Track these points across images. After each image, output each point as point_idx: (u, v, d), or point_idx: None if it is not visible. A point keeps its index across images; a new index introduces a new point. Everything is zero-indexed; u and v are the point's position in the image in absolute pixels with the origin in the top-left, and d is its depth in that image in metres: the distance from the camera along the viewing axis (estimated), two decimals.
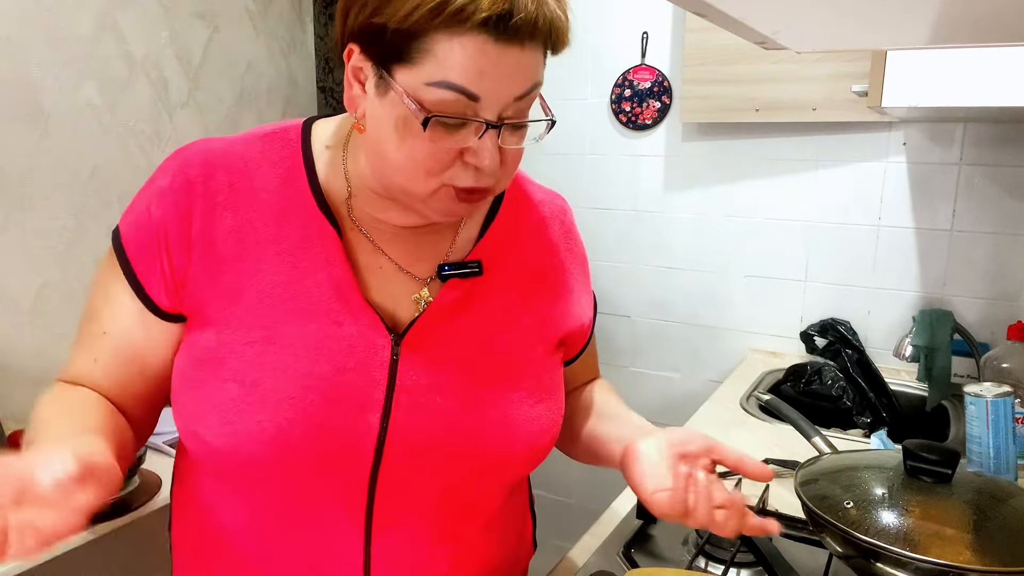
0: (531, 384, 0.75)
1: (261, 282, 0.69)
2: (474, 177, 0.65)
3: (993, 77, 1.21)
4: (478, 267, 0.75)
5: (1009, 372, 1.39)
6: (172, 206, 0.69)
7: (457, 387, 0.71)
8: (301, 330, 0.68)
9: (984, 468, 1.16)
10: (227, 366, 0.67)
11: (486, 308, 0.75)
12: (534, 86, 0.64)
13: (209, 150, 0.71)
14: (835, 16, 0.58)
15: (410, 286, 0.74)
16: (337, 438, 0.67)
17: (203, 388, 0.67)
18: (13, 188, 1.56)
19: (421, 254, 0.75)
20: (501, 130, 0.63)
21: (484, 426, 0.71)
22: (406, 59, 0.60)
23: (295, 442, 0.65)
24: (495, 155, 0.63)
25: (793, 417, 1.10)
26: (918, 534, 0.72)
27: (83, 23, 1.67)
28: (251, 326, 0.68)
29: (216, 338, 0.68)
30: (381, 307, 0.71)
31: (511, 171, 0.69)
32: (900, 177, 1.82)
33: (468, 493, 0.74)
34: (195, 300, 0.69)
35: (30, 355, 1.61)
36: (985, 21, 0.56)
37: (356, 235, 0.73)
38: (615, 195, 2.17)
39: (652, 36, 2.05)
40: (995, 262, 1.74)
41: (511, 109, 0.63)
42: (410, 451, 0.69)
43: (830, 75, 1.75)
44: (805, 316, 1.97)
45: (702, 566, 0.94)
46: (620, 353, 2.21)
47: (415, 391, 0.69)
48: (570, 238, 0.85)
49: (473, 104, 0.61)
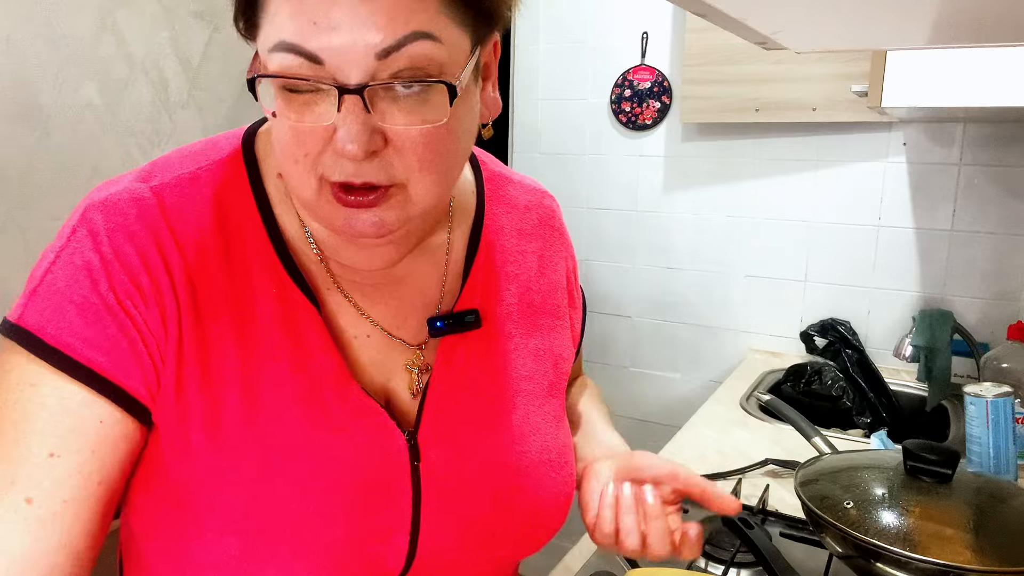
0: (553, 450, 0.67)
1: (239, 390, 0.54)
2: (350, 169, 0.49)
3: (993, 77, 1.21)
4: (475, 318, 0.64)
5: (1009, 372, 1.39)
6: (119, 271, 0.53)
7: (484, 485, 0.62)
8: (304, 455, 0.55)
9: (984, 468, 1.16)
10: (216, 509, 0.53)
11: (492, 364, 0.66)
12: (410, 36, 0.47)
13: (142, 205, 0.54)
14: (835, 16, 0.58)
15: (403, 354, 0.62)
16: (361, 570, 0.58)
17: (185, 544, 0.54)
18: (13, 188, 1.56)
19: (409, 310, 0.63)
20: (368, 99, 0.47)
21: (512, 516, 0.64)
22: (255, 25, 0.50)
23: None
24: (357, 130, 0.47)
25: (793, 417, 1.11)
26: (918, 534, 0.72)
27: (83, 23, 1.67)
28: (245, 456, 0.54)
29: (189, 466, 0.54)
30: (378, 392, 0.60)
31: (425, 164, 0.51)
32: (900, 177, 1.82)
33: (498, 568, 0.68)
34: (167, 406, 0.54)
35: None
36: (985, 21, 0.56)
37: (332, 297, 0.59)
38: (615, 195, 2.17)
39: (652, 36, 2.05)
40: (995, 262, 1.74)
41: (383, 71, 0.47)
42: (439, 562, 0.61)
43: (830, 75, 1.75)
44: (805, 316, 1.97)
45: (702, 566, 0.94)
46: (620, 353, 2.21)
47: (442, 497, 0.60)
48: (560, 242, 0.76)
49: (320, 67, 0.47)
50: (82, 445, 0.50)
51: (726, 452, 1.36)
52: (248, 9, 0.50)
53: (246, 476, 0.54)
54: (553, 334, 0.72)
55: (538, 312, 0.71)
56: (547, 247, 0.74)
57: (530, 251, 0.72)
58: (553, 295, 0.73)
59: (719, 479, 1.23)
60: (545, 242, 0.74)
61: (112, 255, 0.52)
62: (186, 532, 0.54)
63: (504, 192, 0.72)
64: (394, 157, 0.50)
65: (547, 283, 0.72)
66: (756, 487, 1.15)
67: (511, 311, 0.68)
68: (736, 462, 1.28)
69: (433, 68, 0.49)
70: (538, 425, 0.67)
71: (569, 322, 0.75)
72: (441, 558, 0.61)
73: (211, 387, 0.54)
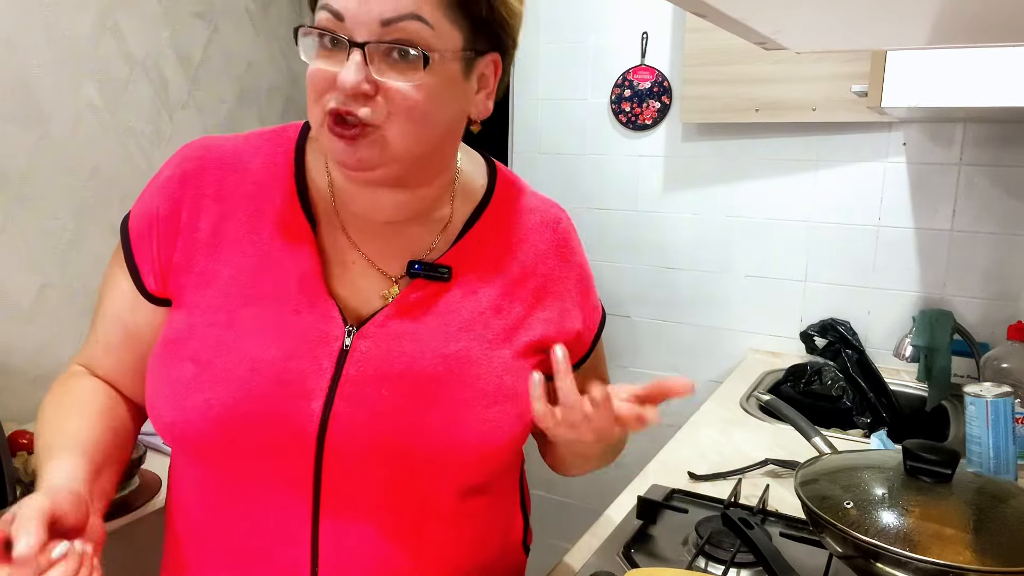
0: (488, 386, 0.73)
1: (232, 268, 0.72)
2: (341, 100, 0.65)
3: (993, 77, 1.22)
4: (447, 273, 0.75)
5: (1009, 372, 1.39)
6: (167, 196, 0.74)
7: (405, 382, 0.71)
8: (259, 315, 0.71)
9: (984, 468, 1.16)
10: (188, 346, 0.70)
11: (450, 308, 0.75)
12: (407, 16, 0.64)
13: (207, 146, 0.77)
14: (835, 16, 0.58)
15: (381, 283, 0.75)
16: (279, 422, 0.68)
17: (165, 365, 0.71)
18: (13, 188, 1.56)
19: (396, 251, 0.76)
20: (368, 54, 0.64)
21: (427, 422, 0.70)
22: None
23: (238, 422, 0.68)
24: (353, 72, 0.64)
25: (793, 417, 1.11)
26: (918, 534, 0.72)
27: (83, 23, 1.67)
28: (216, 309, 0.71)
29: (185, 320, 0.72)
30: (346, 301, 0.73)
31: (402, 116, 0.66)
32: (900, 177, 1.82)
33: (418, 491, 0.72)
34: (176, 284, 0.73)
35: (30, 355, 1.61)
36: (985, 21, 0.56)
37: (333, 230, 0.75)
38: (615, 195, 2.17)
39: (652, 36, 2.05)
40: (995, 262, 1.74)
41: (384, 37, 0.64)
42: (351, 441, 0.69)
43: (830, 75, 1.75)
44: (805, 316, 1.97)
45: (702, 566, 0.94)
46: (620, 353, 2.21)
47: (361, 383, 0.70)
48: (563, 247, 0.83)
49: (342, 24, 0.65)
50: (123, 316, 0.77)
51: (726, 452, 1.36)
52: None
53: (211, 324, 0.71)
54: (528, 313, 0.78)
55: (518, 287, 0.78)
56: (544, 243, 0.82)
57: (526, 241, 0.80)
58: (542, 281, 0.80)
59: (719, 479, 1.23)
60: (542, 239, 0.82)
61: (166, 178, 0.75)
62: (168, 359, 0.71)
63: (514, 193, 0.83)
64: (377, 104, 0.66)
65: (536, 271, 0.80)
66: (756, 487, 1.15)
67: (488, 277, 0.77)
68: (736, 462, 1.28)
69: (421, 43, 0.65)
70: (478, 365, 0.74)
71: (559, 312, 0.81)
72: (352, 442, 0.69)
73: (213, 264, 0.73)
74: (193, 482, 0.75)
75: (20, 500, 0.58)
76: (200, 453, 0.71)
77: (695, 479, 1.23)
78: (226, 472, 0.71)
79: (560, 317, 0.81)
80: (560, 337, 0.79)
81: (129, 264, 0.75)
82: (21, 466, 1.45)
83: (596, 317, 0.86)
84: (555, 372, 0.69)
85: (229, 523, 0.72)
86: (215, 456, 0.70)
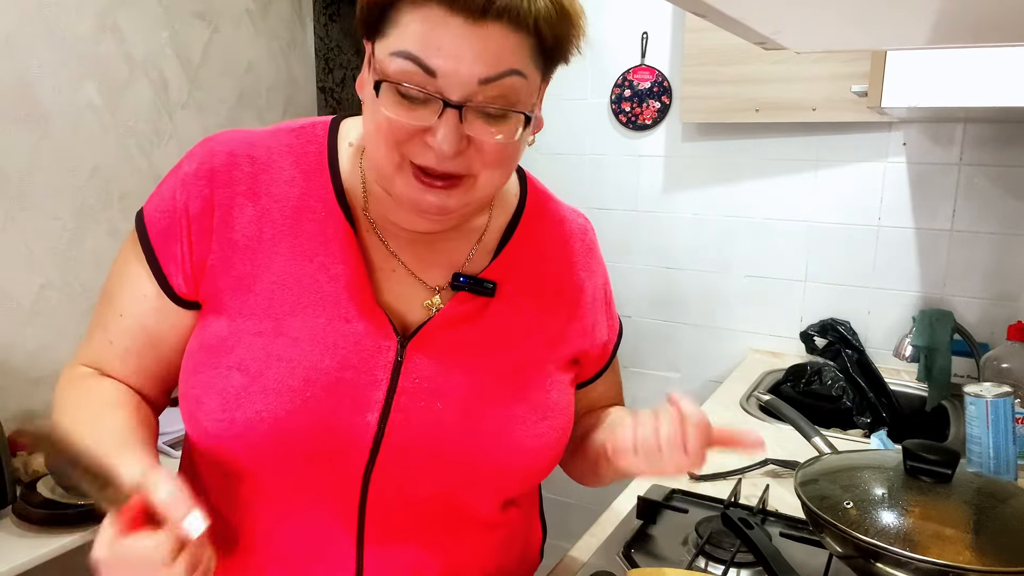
0: (537, 400, 0.74)
1: (274, 273, 0.69)
2: (434, 158, 0.63)
3: (993, 77, 1.22)
4: (492, 289, 0.74)
5: (1009, 372, 1.39)
6: (195, 193, 0.69)
7: (459, 395, 0.70)
8: (309, 323, 0.68)
9: (984, 468, 1.16)
10: (234, 354, 0.67)
11: (497, 322, 0.74)
12: (507, 72, 0.61)
13: (236, 140, 0.72)
14: (835, 16, 0.58)
15: (422, 292, 0.73)
16: (334, 434, 0.67)
17: (208, 373, 0.67)
18: (13, 188, 1.56)
19: (435, 261, 0.74)
20: (464, 114, 0.61)
21: (481, 436, 0.70)
22: (380, 32, 0.62)
23: (291, 434, 0.66)
24: (453, 137, 0.61)
25: (793, 417, 1.11)
26: (918, 534, 0.72)
27: (83, 23, 1.67)
28: (261, 316, 0.68)
29: (227, 325, 0.68)
30: (391, 309, 0.71)
31: (493, 166, 0.65)
32: (900, 177, 1.82)
33: (463, 502, 0.73)
34: (211, 287, 0.69)
35: (30, 355, 1.61)
36: (985, 21, 0.56)
37: (371, 236, 0.73)
38: (615, 195, 2.17)
39: (652, 36, 2.05)
40: (995, 262, 1.74)
41: (480, 95, 0.61)
42: (405, 453, 0.68)
43: (830, 75, 1.75)
44: (805, 316, 1.97)
45: (702, 566, 0.94)
46: (620, 353, 2.21)
47: (416, 395, 0.69)
48: (591, 257, 0.84)
49: (432, 80, 0.60)
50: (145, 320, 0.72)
51: (726, 452, 1.36)
52: (379, 17, 0.62)
53: (258, 332, 0.68)
54: (567, 326, 0.79)
55: (556, 300, 0.79)
56: (575, 254, 0.83)
57: (560, 253, 0.81)
58: (576, 293, 0.81)
59: (719, 479, 1.23)
60: (573, 250, 0.83)
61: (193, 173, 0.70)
62: (211, 366, 0.68)
63: (544, 202, 0.83)
64: (471, 157, 0.64)
65: (570, 282, 0.80)
66: (756, 487, 1.15)
67: (529, 290, 0.77)
68: (736, 462, 1.28)
69: (516, 97, 0.63)
70: (527, 380, 0.74)
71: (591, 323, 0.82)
72: (406, 454, 0.68)
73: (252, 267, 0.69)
74: (225, 488, 0.72)
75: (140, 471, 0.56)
76: (245, 469, 0.68)
77: (695, 479, 1.23)
78: (269, 483, 0.69)
79: (592, 328, 0.82)
80: (593, 349, 0.82)
81: (152, 264, 0.70)
82: (21, 466, 1.45)
83: (615, 326, 0.87)
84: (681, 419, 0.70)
85: (270, 543, 0.70)
86: (260, 472, 0.68)
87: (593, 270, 0.84)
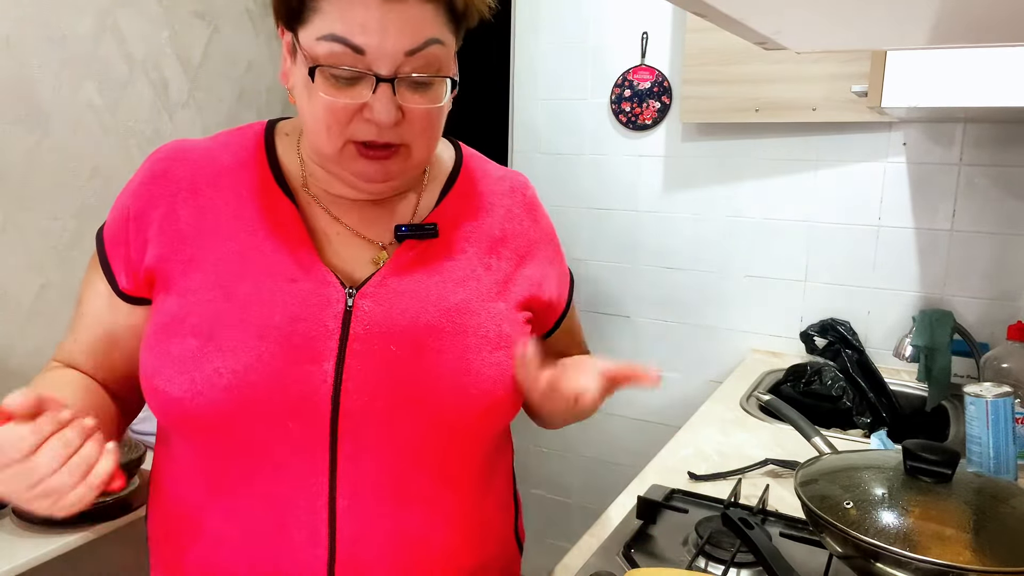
0: (489, 332, 0.76)
1: (220, 250, 0.73)
2: (375, 132, 0.68)
3: (993, 77, 1.22)
4: (434, 229, 0.78)
5: (1009, 372, 1.39)
6: (137, 196, 0.76)
7: (411, 336, 0.73)
8: (257, 287, 0.72)
9: (984, 468, 1.16)
10: (186, 323, 0.71)
11: (443, 265, 0.77)
12: (428, 42, 0.66)
13: (175, 147, 0.78)
14: (835, 16, 0.58)
15: (369, 250, 0.77)
16: (293, 385, 0.69)
17: (163, 345, 0.71)
18: (13, 188, 1.56)
19: (378, 221, 0.78)
20: (395, 85, 0.66)
21: (438, 372, 0.72)
22: (303, 19, 0.67)
23: (252, 389, 0.68)
24: (390, 109, 0.67)
25: (793, 417, 1.10)
26: (918, 534, 0.72)
27: (83, 23, 1.67)
28: (210, 287, 0.72)
29: (177, 301, 0.72)
30: (339, 268, 0.75)
31: (424, 132, 0.71)
32: (900, 177, 1.82)
33: (435, 458, 0.74)
34: (161, 277, 0.74)
35: (30, 355, 1.61)
36: (985, 21, 0.56)
37: (313, 208, 0.77)
38: (615, 195, 2.17)
39: (652, 36, 2.05)
40: (995, 262, 1.74)
41: (406, 66, 0.67)
42: (366, 399, 0.70)
43: (830, 75, 1.75)
44: (805, 316, 1.97)
45: (702, 566, 0.94)
46: (620, 353, 2.21)
47: (368, 340, 0.71)
48: (534, 210, 0.87)
49: (361, 57, 0.65)
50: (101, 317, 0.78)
51: (726, 452, 1.36)
52: (299, 4, 0.67)
53: (208, 300, 0.71)
54: (515, 271, 0.82)
55: (501, 247, 0.82)
56: (517, 206, 0.86)
57: (500, 204, 0.85)
58: (522, 241, 0.84)
59: (719, 479, 1.23)
60: (514, 202, 0.86)
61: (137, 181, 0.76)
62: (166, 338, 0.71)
63: (480, 163, 0.88)
64: (404, 128, 0.69)
65: (515, 232, 0.84)
66: (756, 487, 1.15)
67: (472, 237, 0.80)
68: (736, 462, 1.28)
69: (439, 64, 0.69)
70: (478, 315, 0.77)
71: (541, 272, 0.85)
72: (367, 399, 0.70)
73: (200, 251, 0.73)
74: (195, 464, 0.74)
75: None
76: (211, 426, 0.70)
77: (695, 479, 1.23)
78: (238, 445, 0.70)
79: (541, 278, 0.84)
80: (543, 296, 0.84)
81: (104, 266, 0.76)
82: None
83: (566, 281, 0.90)
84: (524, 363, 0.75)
85: (239, 501, 0.71)
86: (227, 428, 0.69)
87: (537, 220, 0.87)
